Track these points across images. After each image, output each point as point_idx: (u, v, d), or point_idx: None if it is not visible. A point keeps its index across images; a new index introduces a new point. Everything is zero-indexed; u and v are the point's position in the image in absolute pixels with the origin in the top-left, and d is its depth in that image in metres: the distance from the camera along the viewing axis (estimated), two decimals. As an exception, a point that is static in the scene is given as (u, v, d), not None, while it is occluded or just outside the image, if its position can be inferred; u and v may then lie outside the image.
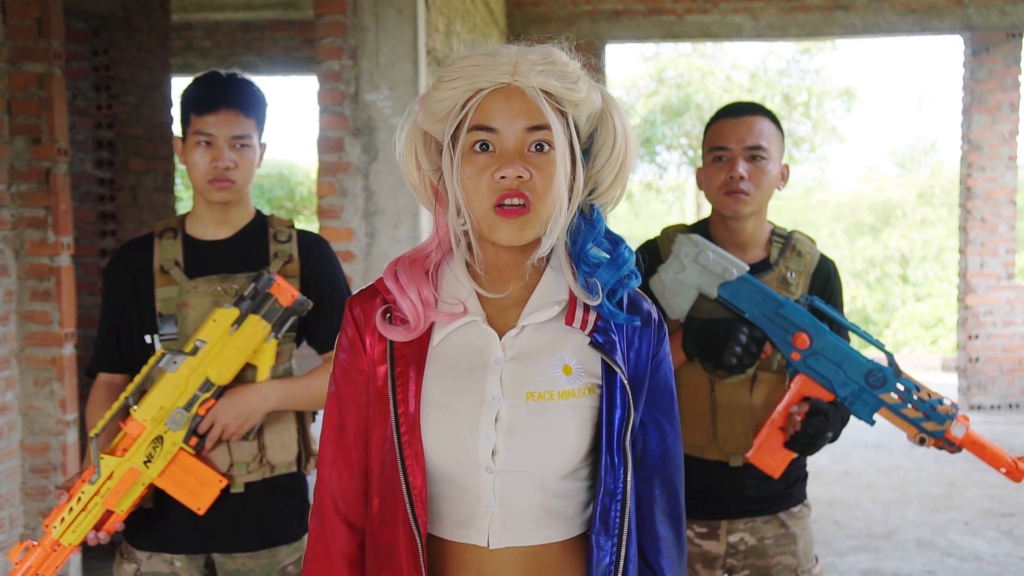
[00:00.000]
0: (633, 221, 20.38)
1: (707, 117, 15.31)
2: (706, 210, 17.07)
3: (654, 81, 16.91)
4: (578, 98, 1.31)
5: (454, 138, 1.33)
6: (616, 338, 1.36)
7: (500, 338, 1.36)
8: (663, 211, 20.55)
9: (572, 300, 1.37)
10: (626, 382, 1.35)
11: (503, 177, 1.28)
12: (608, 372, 1.35)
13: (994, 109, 7.75)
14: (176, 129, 2.23)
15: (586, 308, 1.37)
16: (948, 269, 16.48)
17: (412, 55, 3.85)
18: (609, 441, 1.34)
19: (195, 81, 2.19)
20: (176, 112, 2.23)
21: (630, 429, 1.35)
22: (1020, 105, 7.75)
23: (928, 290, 16.54)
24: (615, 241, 1.39)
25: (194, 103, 2.14)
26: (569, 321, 1.36)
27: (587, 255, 1.36)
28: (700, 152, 12.18)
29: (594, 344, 1.35)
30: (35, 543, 2.00)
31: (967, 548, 4.78)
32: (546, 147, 1.29)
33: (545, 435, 1.33)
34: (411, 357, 1.36)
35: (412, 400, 1.35)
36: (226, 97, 2.12)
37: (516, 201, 1.28)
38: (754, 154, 2.19)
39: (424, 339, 1.37)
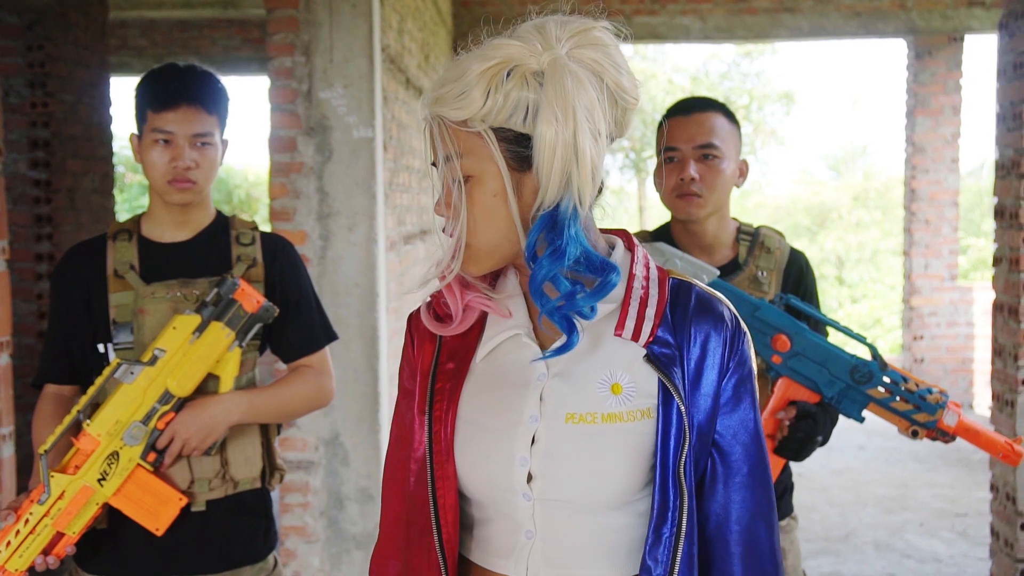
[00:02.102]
0: (575, 224, 20.28)
1: (649, 120, 15.44)
2: (649, 214, 17.13)
3: (596, 84, 16.87)
4: (468, 114, 1.15)
5: None
6: (676, 353, 1.21)
7: (544, 352, 1.24)
8: (606, 214, 20.49)
9: (625, 305, 1.23)
10: (682, 406, 1.20)
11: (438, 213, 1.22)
12: (665, 391, 1.20)
13: (937, 112, 7.86)
14: (115, 126, 2.09)
15: (641, 312, 1.22)
16: (883, 270, 16.73)
17: (368, 51, 3.73)
18: (664, 471, 1.19)
19: (151, 74, 2.05)
20: (115, 109, 2.09)
21: (684, 458, 1.19)
22: (962, 108, 7.87)
23: (864, 291, 16.78)
24: (596, 267, 1.19)
25: (151, 99, 2.00)
26: (618, 331, 1.22)
27: (537, 286, 1.17)
28: (643, 155, 12.18)
29: (650, 358, 1.21)
30: (-22, 569, 1.85)
31: (925, 549, 4.79)
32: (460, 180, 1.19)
33: (586, 461, 1.20)
34: (451, 373, 1.26)
35: (448, 418, 1.24)
36: (186, 93, 1.99)
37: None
38: (705, 152, 2.10)
39: (468, 355, 1.27)
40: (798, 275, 2.18)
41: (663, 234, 2.22)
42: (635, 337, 1.22)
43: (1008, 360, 3.56)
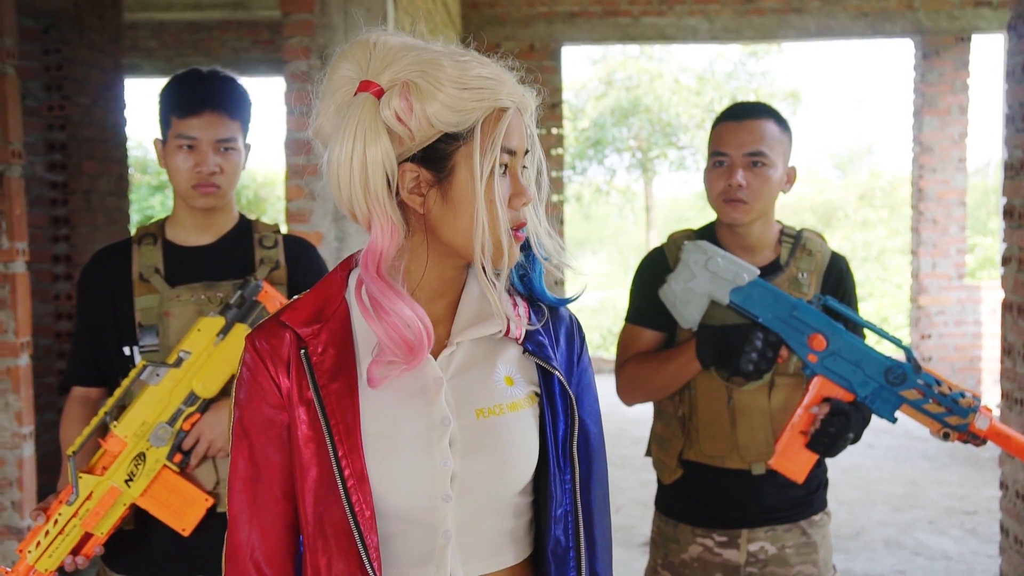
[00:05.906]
0: (582, 224, 20.40)
1: (656, 120, 15.44)
2: (656, 213, 17.16)
3: (603, 84, 16.93)
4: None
5: (451, 151, 1.19)
6: (546, 341, 1.31)
7: (435, 358, 1.27)
8: (613, 213, 20.61)
9: None
10: (566, 385, 1.30)
11: (524, 205, 1.24)
12: (546, 378, 1.30)
13: (944, 112, 7.87)
14: (128, 129, 2.12)
15: (516, 314, 1.31)
16: (889, 269, 16.72)
17: (382, 55, 3.76)
18: (556, 450, 1.28)
19: (175, 80, 2.08)
20: (127, 112, 2.12)
21: (576, 435, 1.30)
22: (969, 108, 7.88)
23: (870, 290, 16.77)
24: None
25: (176, 105, 2.03)
26: (506, 332, 1.29)
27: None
28: (649, 155, 12.15)
29: (530, 352, 1.29)
30: (7, 569, 1.89)
31: (934, 547, 4.81)
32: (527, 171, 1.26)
33: (501, 452, 1.26)
34: (341, 392, 1.22)
35: (353, 439, 1.21)
36: (210, 99, 2.02)
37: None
38: (754, 160, 2.13)
39: (351, 371, 1.23)
40: (838, 278, 2.21)
41: (708, 233, 2.25)
42: (513, 335, 1.30)
43: (1017, 359, 3.58)
